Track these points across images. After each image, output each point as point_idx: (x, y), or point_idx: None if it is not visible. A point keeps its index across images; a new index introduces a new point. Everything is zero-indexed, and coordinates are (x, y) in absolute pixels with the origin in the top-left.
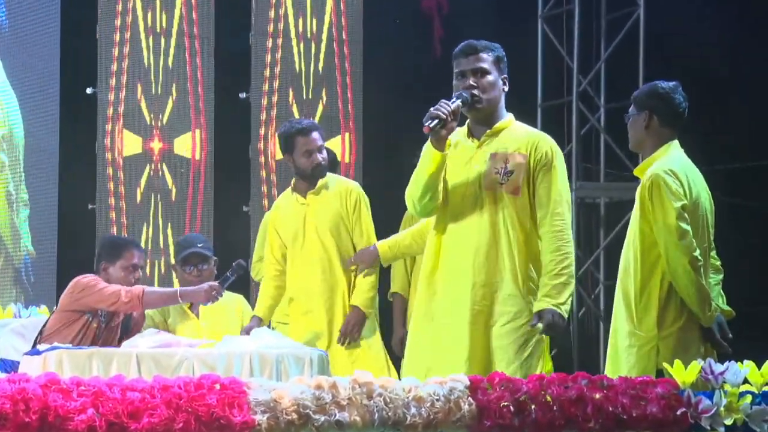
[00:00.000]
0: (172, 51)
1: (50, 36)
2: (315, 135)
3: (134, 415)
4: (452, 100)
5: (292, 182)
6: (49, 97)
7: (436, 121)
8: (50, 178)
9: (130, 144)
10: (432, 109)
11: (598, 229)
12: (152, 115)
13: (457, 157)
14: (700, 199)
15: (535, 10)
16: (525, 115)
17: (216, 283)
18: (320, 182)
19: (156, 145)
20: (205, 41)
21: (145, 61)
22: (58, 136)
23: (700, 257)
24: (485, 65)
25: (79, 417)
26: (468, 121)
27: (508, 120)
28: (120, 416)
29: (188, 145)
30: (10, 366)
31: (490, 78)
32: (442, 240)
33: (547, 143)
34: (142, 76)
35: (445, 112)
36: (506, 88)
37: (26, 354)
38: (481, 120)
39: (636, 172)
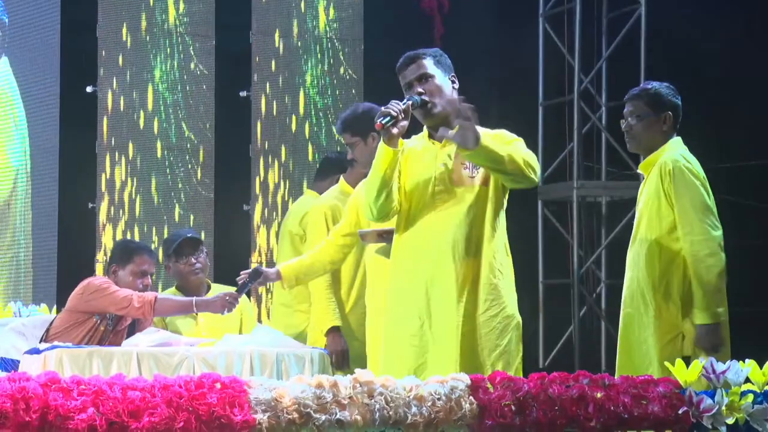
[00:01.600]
0: (172, 49)
1: (50, 34)
2: None
3: (135, 414)
4: (403, 101)
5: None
6: (49, 96)
7: (387, 118)
8: (50, 177)
9: (131, 143)
10: (383, 107)
11: (600, 228)
12: (152, 114)
13: (420, 159)
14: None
15: (536, 9)
16: (526, 113)
17: (232, 292)
18: None
19: (156, 144)
20: (205, 39)
21: (146, 59)
22: (58, 135)
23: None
24: (427, 70)
25: (80, 416)
26: (426, 127)
27: None
28: (120, 415)
29: (188, 143)
30: (10, 365)
31: (435, 81)
32: (417, 240)
33: (508, 134)
34: (142, 74)
35: (396, 110)
36: (456, 86)
37: (26, 353)
38: (440, 124)
39: (641, 167)
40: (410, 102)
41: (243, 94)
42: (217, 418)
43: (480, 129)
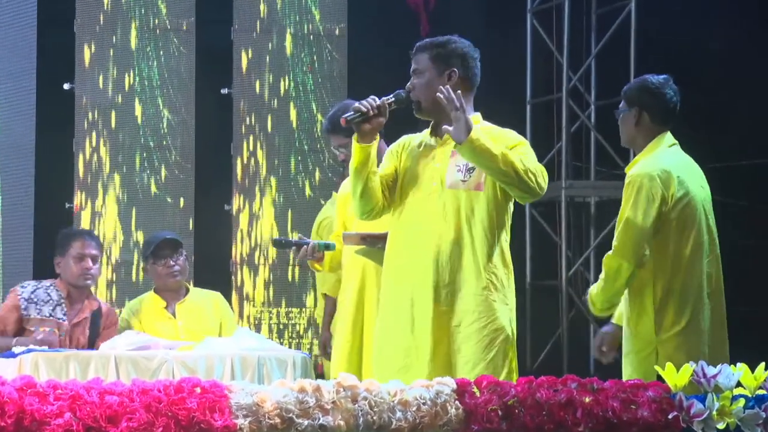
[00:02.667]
0: (151, 46)
1: (27, 30)
2: None
3: (113, 420)
4: (386, 96)
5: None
6: (25, 93)
7: (354, 114)
8: (26, 176)
9: (108, 141)
10: (357, 102)
11: (588, 229)
12: (131, 112)
13: (420, 157)
14: (690, 196)
15: (524, 5)
16: (514, 111)
17: None
18: None
19: (135, 142)
20: (185, 36)
21: (124, 56)
22: (34, 133)
23: (642, 261)
24: (419, 65)
25: (56, 421)
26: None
27: (472, 117)
28: (98, 420)
29: (168, 142)
30: None
31: (422, 79)
32: (405, 240)
33: (514, 135)
34: (120, 71)
35: (367, 106)
36: (453, 80)
37: (0, 356)
38: (435, 119)
39: (627, 169)
40: (392, 98)
41: (224, 91)
42: (197, 423)
43: (484, 124)
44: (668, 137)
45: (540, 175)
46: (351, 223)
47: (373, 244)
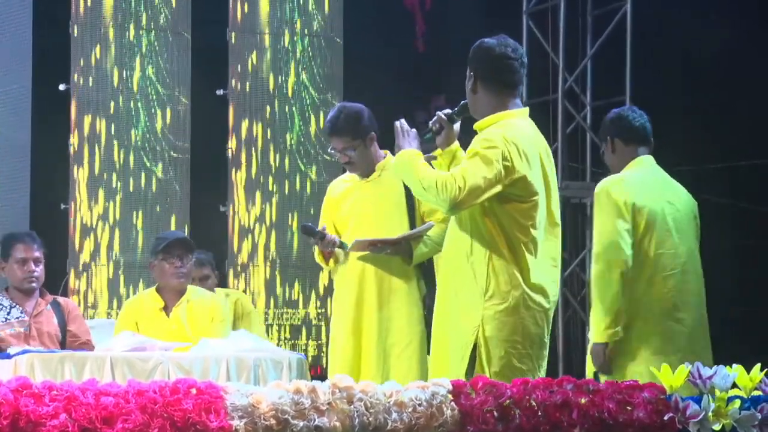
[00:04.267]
0: (147, 46)
1: (22, 31)
2: None
3: (108, 421)
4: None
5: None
6: (20, 94)
7: (426, 132)
8: (22, 177)
9: (104, 142)
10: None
11: (584, 230)
12: (127, 113)
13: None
14: (648, 208)
15: (519, 6)
16: None
17: None
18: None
19: (131, 142)
20: (181, 37)
21: (120, 56)
22: (30, 134)
23: (627, 267)
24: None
25: (52, 422)
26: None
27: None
28: (93, 421)
29: (164, 143)
30: None
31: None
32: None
33: (478, 147)
34: (116, 72)
35: (433, 122)
36: (471, 84)
37: None
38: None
39: None
40: (455, 109)
41: (220, 92)
42: (193, 425)
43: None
44: (646, 159)
45: (451, 187)
46: (343, 225)
47: (382, 251)
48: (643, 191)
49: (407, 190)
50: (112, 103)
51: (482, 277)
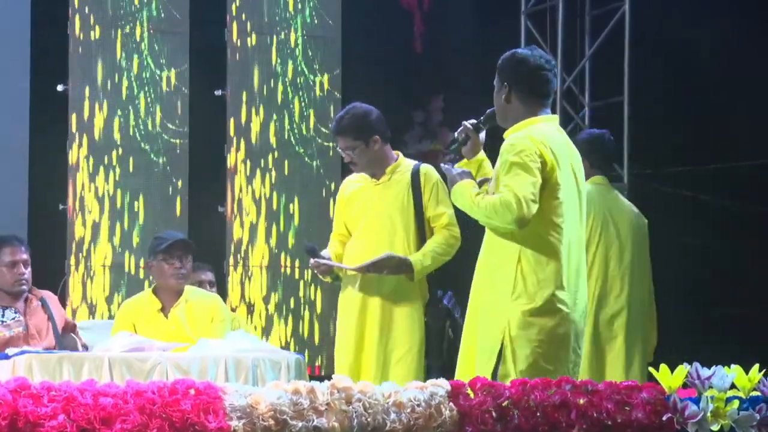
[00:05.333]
0: (145, 47)
1: (20, 30)
2: None
3: (106, 421)
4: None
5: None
6: (18, 94)
7: (452, 143)
8: (20, 178)
9: (102, 142)
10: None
11: None
12: (125, 113)
13: None
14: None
15: (518, 6)
16: None
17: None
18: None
19: (129, 143)
20: (179, 37)
21: (118, 56)
22: (27, 134)
23: None
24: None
25: (50, 423)
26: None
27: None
28: (92, 422)
29: (162, 143)
30: None
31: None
32: None
33: (512, 157)
34: (114, 72)
35: (460, 131)
36: (505, 95)
37: None
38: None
39: None
40: (480, 118)
41: (218, 93)
42: (191, 425)
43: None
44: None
45: (512, 204)
46: (353, 225)
47: (379, 271)
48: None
49: (415, 193)
50: (110, 104)
51: (510, 277)
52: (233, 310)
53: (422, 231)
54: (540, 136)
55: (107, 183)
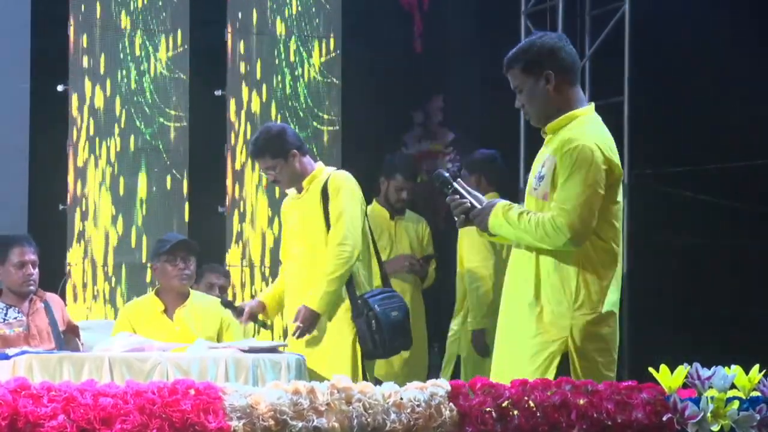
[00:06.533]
0: (145, 47)
1: (20, 31)
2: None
3: (106, 422)
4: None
5: None
6: (19, 94)
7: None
8: (20, 178)
9: (103, 143)
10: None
11: None
12: (125, 114)
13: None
14: None
15: (518, 6)
16: (507, 114)
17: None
18: None
19: (129, 143)
20: (179, 37)
21: (118, 57)
22: (28, 135)
23: None
24: (516, 82)
25: (50, 423)
26: None
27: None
28: (92, 422)
29: (162, 144)
30: None
31: (524, 95)
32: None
33: (571, 168)
34: (114, 72)
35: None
36: (551, 84)
37: None
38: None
39: None
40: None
41: (218, 93)
42: (191, 425)
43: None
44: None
45: (546, 236)
46: (287, 242)
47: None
48: None
49: (325, 205)
50: (110, 104)
51: (572, 287)
52: None
53: None
54: (602, 136)
55: (107, 183)
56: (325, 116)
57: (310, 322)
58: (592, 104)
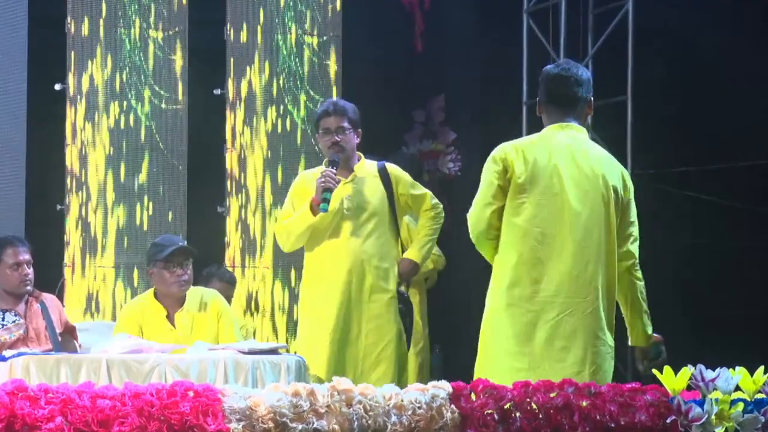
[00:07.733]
0: (143, 45)
1: (18, 30)
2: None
3: (104, 424)
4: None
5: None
6: (16, 93)
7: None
8: (17, 177)
9: (100, 142)
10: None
11: None
12: (122, 113)
13: None
14: None
15: (520, 5)
16: (509, 112)
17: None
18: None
19: (127, 142)
20: (178, 36)
21: (116, 55)
22: (25, 134)
23: None
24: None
25: (48, 425)
26: None
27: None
28: (89, 424)
29: (160, 142)
30: None
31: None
32: None
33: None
34: (112, 71)
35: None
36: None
37: None
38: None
39: None
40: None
41: (217, 92)
42: (190, 428)
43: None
44: None
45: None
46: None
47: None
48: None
49: (389, 190)
50: (108, 103)
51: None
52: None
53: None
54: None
55: (105, 183)
56: None
57: (413, 273)
58: None
